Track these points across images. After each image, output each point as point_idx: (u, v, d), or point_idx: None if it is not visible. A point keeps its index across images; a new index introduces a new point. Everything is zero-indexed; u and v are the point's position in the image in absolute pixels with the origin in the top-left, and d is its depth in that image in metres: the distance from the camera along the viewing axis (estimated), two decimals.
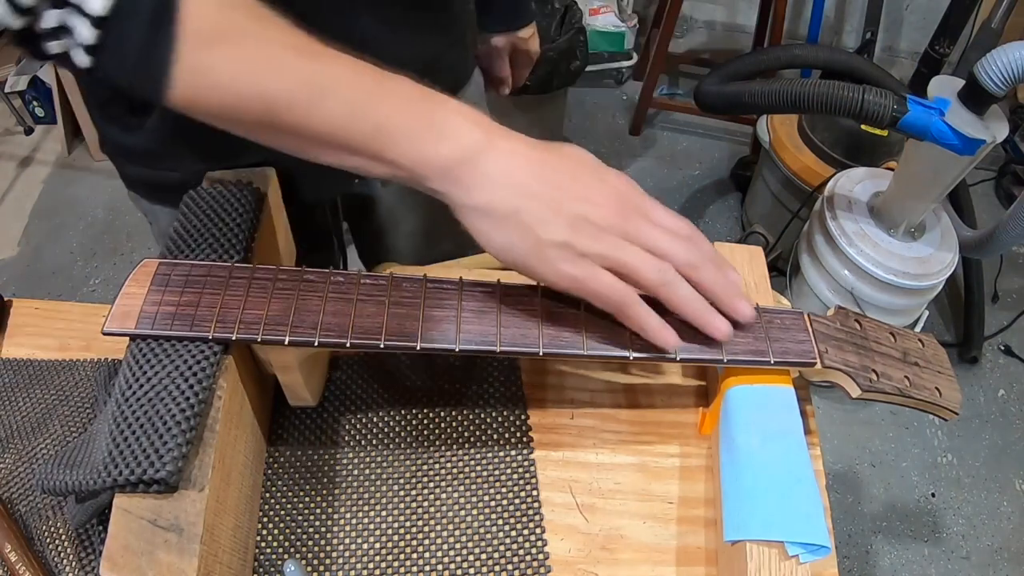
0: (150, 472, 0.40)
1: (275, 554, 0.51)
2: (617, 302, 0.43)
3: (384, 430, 0.57)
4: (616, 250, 0.41)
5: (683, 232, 0.44)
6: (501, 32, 0.89)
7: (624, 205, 0.42)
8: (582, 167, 0.43)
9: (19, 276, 1.82)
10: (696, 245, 0.44)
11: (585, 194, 0.41)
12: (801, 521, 0.45)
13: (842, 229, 1.30)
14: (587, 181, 0.42)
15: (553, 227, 0.41)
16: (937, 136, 1.01)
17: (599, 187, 0.42)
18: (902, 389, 0.51)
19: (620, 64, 2.29)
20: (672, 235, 0.43)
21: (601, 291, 0.42)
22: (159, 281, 0.48)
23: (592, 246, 0.41)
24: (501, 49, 0.91)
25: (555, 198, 0.41)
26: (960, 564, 1.44)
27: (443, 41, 0.73)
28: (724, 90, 1.32)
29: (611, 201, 0.41)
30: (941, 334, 1.79)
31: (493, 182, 0.41)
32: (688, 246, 0.43)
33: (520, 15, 0.89)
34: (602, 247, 0.41)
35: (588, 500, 0.54)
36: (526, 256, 0.42)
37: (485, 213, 0.41)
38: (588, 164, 0.43)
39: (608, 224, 0.41)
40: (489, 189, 0.41)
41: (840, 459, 1.58)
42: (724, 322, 0.46)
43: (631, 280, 0.42)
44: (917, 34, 2.33)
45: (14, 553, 0.49)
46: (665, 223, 0.44)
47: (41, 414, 0.57)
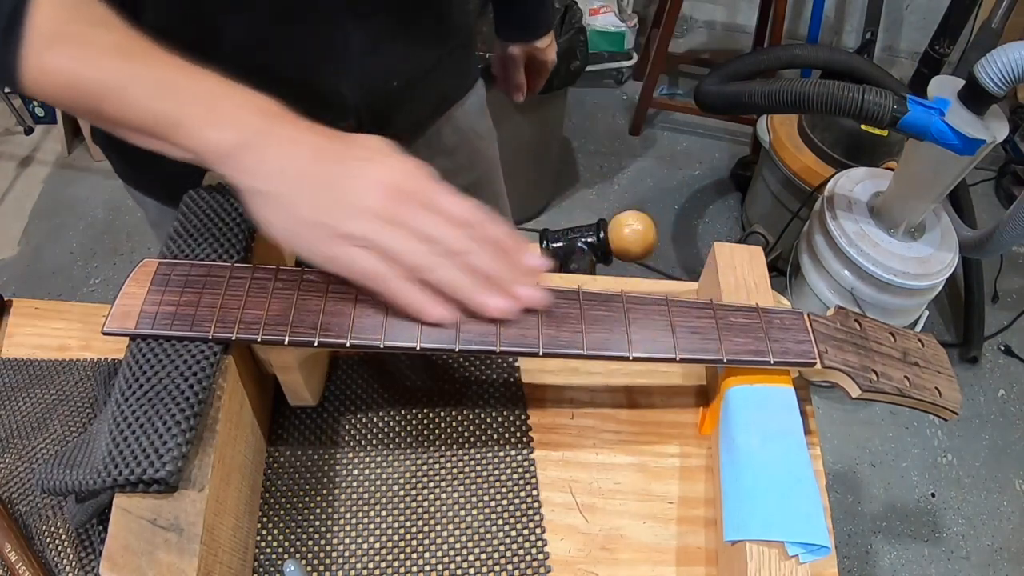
0: (150, 472, 0.40)
1: (275, 554, 0.51)
2: (374, 281, 0.44)
3: (384, 430, 0.57)
4: (376, 234, 0.43)
5: (462, 218, 0.45)
6: (519, 42, 0.89)
7: (398, 191, 0.44)
8: (365, 155, 0.45)
9: (19, 276, 1.82)
10: (477, 230, 0.46)
11: (357, 180, 0.44)
12: (801, 521, 0.45)
13: (842, 229, 1.30)
14: (364, 168, 0.44)
15: (315, 209, 0.43)
16: (937, 136, 1.01)
17: (375, 173, 0.44)
18: (902, 389, 0.51)
19: (620, 64, 2.29)
20: (446, 222, 0.45)
21: (356, 271, 0.44)
22: (159, 281, 0.48)
23: (352, 228, 0.43)
24: (518, 58, 0.91)
25: (325, 182, 0.44)
26: (960, 564, 1.44)
27: (439, 52, 0.73)
28: (724, 90, 1.32)
29: (382, 187, 0.43)
30: (941, 334, 1.79)
31: (268, 166, 0.44)
32: (460, 233, 0.45)
33: (538, 25, 0.89)
34: (362, 230, 0.43)
35: (588, 500, 0.54)
36: (290, 235, 0.44)
37: (257, 194, 0.44)
38: (373, 152, 0.45)
39: (375, 208, 0.43)
40: (263, 173, 0.44)
41: (840, 459, 1.58)
42: (499, 300, 0.46)
43: (397, 264, 0.44)
44: (917, 34, 2.33)
45: (14, 553, 0.49)
46: (446, 210, 0.45)
47: (41, 414, 0.57)
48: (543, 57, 0.91)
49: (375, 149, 0.46)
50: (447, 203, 0.45)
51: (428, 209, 0.45)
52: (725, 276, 0.57)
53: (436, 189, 0.45)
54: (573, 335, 0.49)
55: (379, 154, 0.46)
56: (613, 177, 2.12)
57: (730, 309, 0.52)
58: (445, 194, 0.45)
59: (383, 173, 0.44)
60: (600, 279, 0.68)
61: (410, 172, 0.45)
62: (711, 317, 0.51)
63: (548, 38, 0.90)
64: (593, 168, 2.14)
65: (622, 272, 1.20)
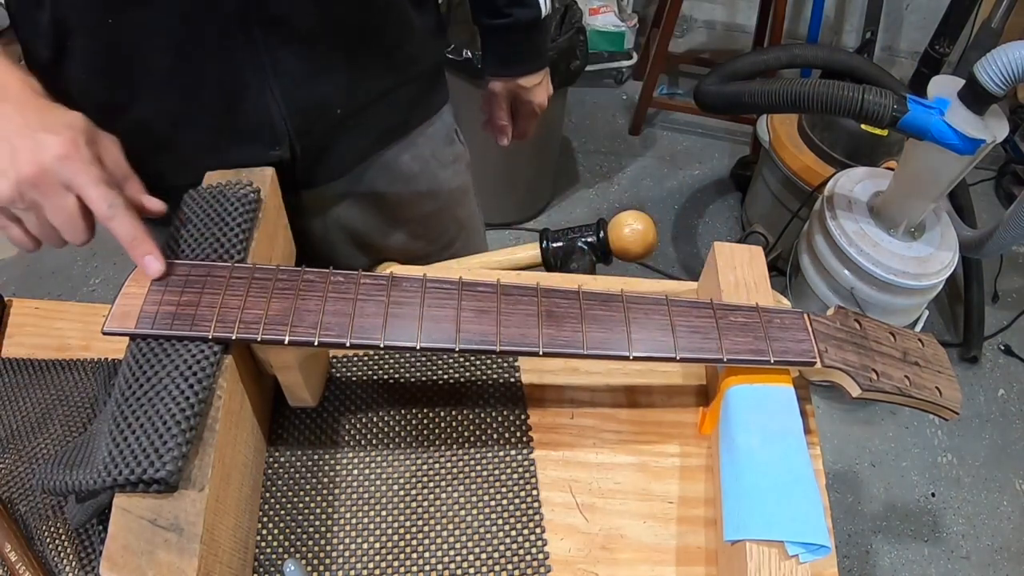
0: (150, 472, 0.40)
1: (275, 554, 0.51)
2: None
3: (384, 430, 0.57)
4: (14, 209, 0.48)
5: (98, 212, 0.47)
6: (497, 77, 0.83)
7: (44, 174, 0.46)
8: (39, 133, 0.47)
9: (19, 276, 1.82)
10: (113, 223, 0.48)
11: (16, 157, 0.46)
12: (801, 521, 0.45)
13: (842, 229, 1.30)
14: (21, 146, 0.46)
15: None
16: (937, 136, 1.01)
17: (27, 154, 0.46)
18: (902, 388, 0.51)
19: (620, 64, 2.29)
20: (69, 215, 0.47)
21: (6, 235, 0.50)
22: (159, 281, 0.48)
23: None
24: (499, 95, 0.84)
25: (2, 153, 0.46)
26: (960, 564, 1.44)
27: (392, 80, 0.71)
28: (724, 90, 1.32)
29: (29, 167, 0.46)
30: (941, 334, 1.79)
31: None
32: (73, 228, 0.48)
33: (520, 61, 0.81)
34: (1, 201, 0.47)
35: (588, 500, 0.54)
36: None
37: None
38: (45, 131, 0.47)
39: (15, 186, 0.46)
40: None
41: (840, 459, 1.58)
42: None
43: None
44: (917, 34, 2.33)
45: (14, 553, 0.49)
46: (86, 197, 0.47)
47: (41, 414, 0.57)
48: (528, 98, 0.84)
49: (64, 124, 0.47)
50: (90, 192, 0.47)
51: (68, 195, 0.47)
52: (725, 276, 0.57)
53: (87, 179, 0.47)
54: (573, 335, 0.49)
55: (58, 130, 0.47)
56: (613, 177, 2.12)
57: (730, 309, 0.52)
58: (91, 185, 0.47)
59: (35, 156, 0.46)
60: (600, 279, 0.68)
61: (67, 158, 0.46)
62: (711, 317, 0.51)
63: (535, 77, 0.82)
64: (593, 168, 2.14)
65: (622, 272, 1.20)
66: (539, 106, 0.86)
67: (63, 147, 0.46)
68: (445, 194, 0.84)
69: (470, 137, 0.89)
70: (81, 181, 0.47)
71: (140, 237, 0.48)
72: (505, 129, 0.88)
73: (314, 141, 0.68)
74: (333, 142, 0.70)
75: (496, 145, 0.91)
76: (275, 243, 0.57)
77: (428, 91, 0.79)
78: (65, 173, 0.46)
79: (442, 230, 0.87)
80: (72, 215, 0.47)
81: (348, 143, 0.72)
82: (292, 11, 0.59)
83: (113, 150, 0.50)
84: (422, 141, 0.79)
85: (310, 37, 0.61)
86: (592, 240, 0.79)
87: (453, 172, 0.84)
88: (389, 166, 0.77)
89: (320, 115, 0.67)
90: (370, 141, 0.75)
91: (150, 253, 0.48)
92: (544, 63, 0.83)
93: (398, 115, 0.76)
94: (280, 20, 0.59)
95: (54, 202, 0.47)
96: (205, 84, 0.60)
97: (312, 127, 0.66)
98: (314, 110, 0.66)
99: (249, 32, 0.58)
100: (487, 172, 1.64)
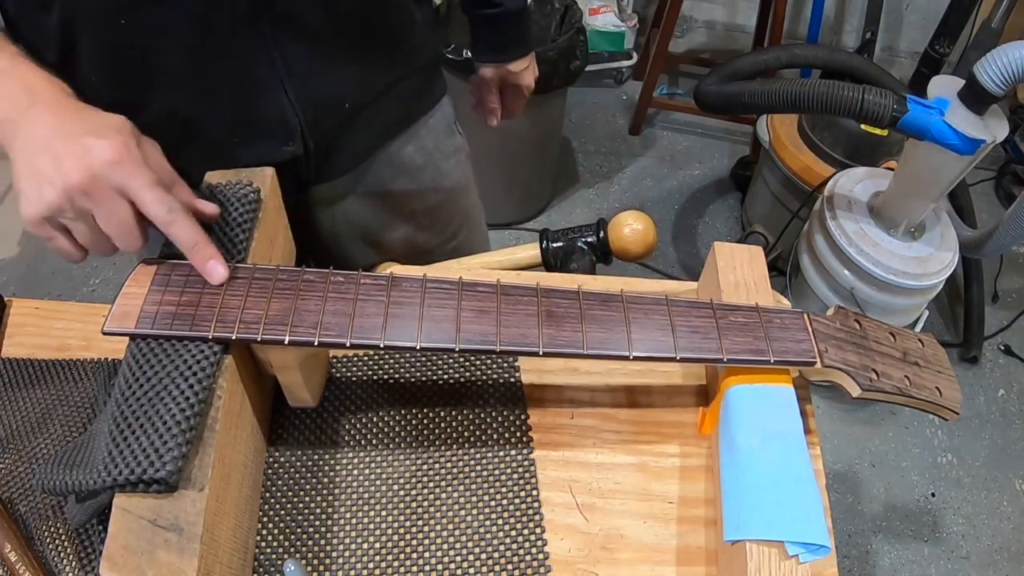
0: (150, 472, 0.40)
1: (275, 554, 0.51)
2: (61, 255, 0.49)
3: (384, 430, 0.57)
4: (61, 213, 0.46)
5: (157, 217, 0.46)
6: (489, 63, 0.87)
7: (95, 180, 0.45)
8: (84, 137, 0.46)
9: (19, 276, 1.82)
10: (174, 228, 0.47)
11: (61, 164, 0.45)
12: (801, 521, 0.45)
13: (842, 229, 1.30)
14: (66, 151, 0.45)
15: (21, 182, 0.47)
16: (937, 136, 1.01)
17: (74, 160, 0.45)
18: (902, 388, 0.51)
19: (620, 64, 2.29)
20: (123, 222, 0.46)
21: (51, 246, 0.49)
22: (159, 281, 0.48)
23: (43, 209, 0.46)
24: (489, 80, 0.88)
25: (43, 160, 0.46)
26: (960, 564, 1.44)
27: (397, 74, 0.72)
28: (724, 90, 1.32)
29: (78, 174, 0.45)
30: (941, 334, 1.79)
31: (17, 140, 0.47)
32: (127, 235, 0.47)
33: (510, 47, 0.86)
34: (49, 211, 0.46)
35: (588, 500, 0.54)
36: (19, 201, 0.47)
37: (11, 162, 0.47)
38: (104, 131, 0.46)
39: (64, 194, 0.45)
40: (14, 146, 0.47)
41: (840, 459, 1.58)
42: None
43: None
44: (917, 34, 2.33)
45: (14, 553, 0.49)
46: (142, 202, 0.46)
47: (41, 414, 0.57)
48: (517, 81, 0.88)
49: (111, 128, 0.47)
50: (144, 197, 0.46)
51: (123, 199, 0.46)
52: (725, 276, 0.57)
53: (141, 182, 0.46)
54: (573, 335, 0.49)
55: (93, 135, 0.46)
56: (613, 177, 2.11)
57: (730, 309, 0.52)
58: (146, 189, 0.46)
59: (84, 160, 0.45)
60: (600, 279, 0.68)
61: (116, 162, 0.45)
62: (711, 317, 0.51)
63: (523, 62, 0.87)
64: (593, 168, 2.14)
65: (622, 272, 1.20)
66: (527, 88, 0.91)
67: (114, 151, 0.45)
68: (449, 185, 0.86)
69: (471, 136, 0.90)
70: (135, 185, 0.45)
71: (202, 241, 0.47)
72: (496, 111, 0.93)
73: (325, 136, 0.69)
74: (343, 136, 0.71)
75: (496, 145, 0.93)
76: (275, 243, 0.57)
77: (429, 83, 0.81)
78: (118, 178, 0.45)
79: (447, 222, 0.88)
80: (127, 222, 0.46)
81: (357, 137, 0.73)
82: (301, 8, 0.59)
83: (156, 154, 0.49)
84: (424, 133, 0.80)
85: (319, 33, 0.62)
86: (592, 240, 0.79)
87: (455, 163, 0.86)
88: (394, 159, 0.78)
89: (330, 110, 0.68)
90: (377, 134, 0.76)
91: (213, 258, 0.47)
92: (530, 48, 0.88)
93: (403, 108, 0.77)
94: (289, 17, 0.59)
95: (107, 209, 0.45)
96: (218, 83, 0.61)
97: (323, 122, 0.67)
98: (325, 105, 0.67)
99: (260, 30, 0.59)
100: (487, 172, 1.64)
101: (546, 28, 1.62)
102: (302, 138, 0.66)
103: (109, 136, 0.45)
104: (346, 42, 0.65)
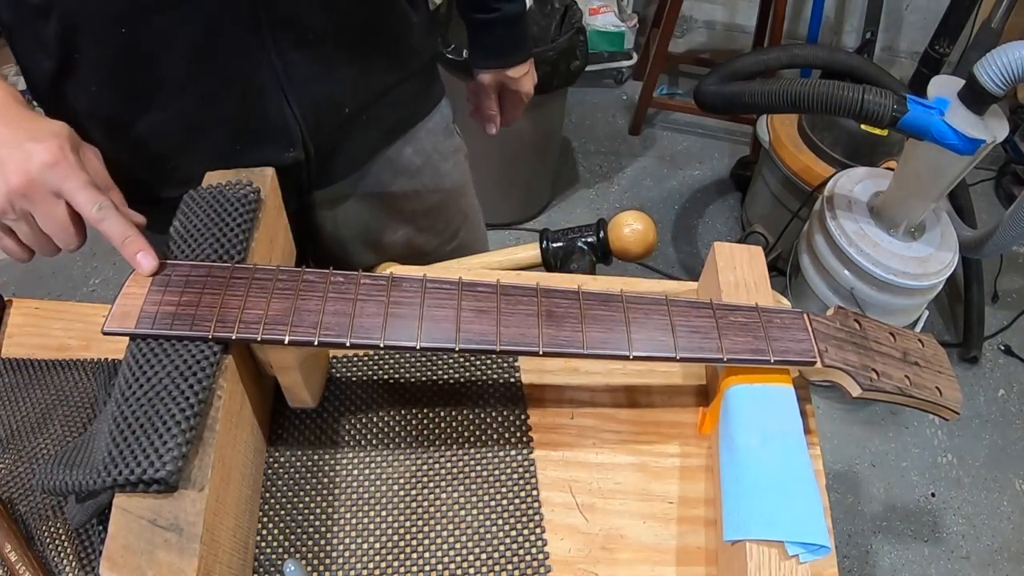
0: (150, 472, 0.40)
1: (275, 554, 0.51)
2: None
3: (384, 430, 0.57)
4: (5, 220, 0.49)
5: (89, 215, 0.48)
6: (487, 69, 0.85)
7: (32, 183, 0.47)
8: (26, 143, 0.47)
9: (19, 276, 1.82)
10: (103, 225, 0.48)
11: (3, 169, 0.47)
12: (801, 521, 0.45)
13: (842, 229, 1.30)
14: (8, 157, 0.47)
15: None
16: (937, 136, 1.01)
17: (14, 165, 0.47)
18: (902, 388, 0.51)
19: (620, 64, 2.29)
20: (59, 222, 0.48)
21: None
22: (159, 281, 0.48)
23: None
24: (488, 86, 0.87)
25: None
26: (960, 564, 1.44)
27: (395, 76, 0.72)
28: (724, 90, 1.32)
29: (17, 178, 0.47)
30: (941, 334, 1.79)
31: None
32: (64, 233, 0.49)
33: (508, 53, 0.84)
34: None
35: (588, 500, 0.54)
36: None
37: None
38: (32, 140, 0.48)
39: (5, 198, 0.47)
40: None
41: (840, 459, 1.58)
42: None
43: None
44: (917, 34, 2.33)
45: (14, 553, 0.49)
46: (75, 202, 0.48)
47: (41, 414, 0.57)
48: (515, 87, 0.87)
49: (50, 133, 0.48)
50: (78, 198, 0.48)
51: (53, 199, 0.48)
52: (725, 276, 0.57)
53: (75, 185, 0.47)
54: (573, 335, 0.49)
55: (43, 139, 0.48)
56: (613, 177, 2.12)
57: (730, 309, 0.52)
58: (80, 192, 0.48)
59: (23, 165, 0.47)
60: (600, 279, 0.68)
61: (51, 166, 0.47)
62: (711, 316, 0.51)
63: (522, 68, 0.85)
64: (593, 168, 2.14)
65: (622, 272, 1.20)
66: (526, 95, 0.89)
67: (50, 155, 0.47)
68: (448, 186, 0.86)
69: (470, 136, 0.90)
70: (69, 187, 0.47)
71: (131, 235, 0.49)
72: (494, 118, 0.91)
73: (326, 141, 0.69)
74: (343, 141, 0.71)
75: (496, 145, 0.93)
76: (275, 243, 0.57)
77: (427, 86, 0.80)
78: (53, 180, 0.47)
79: (447, 222, 0.88)
80: (62, 221, 0.48)
81: (357, 141, 0.73)
82: (300, 11, 0.60)
83: (95, 160, 0.51)
84: (423, 135, 0.80)
85: (319, 38, 0.62)
86: (592, 240, 0.79)
87: (454, 164, 0.86)
88: (393, 161, 0.78)
89: (331, 115, 0.68)
90: (376, 138, 0.76)
91: (141, 250, 0.49)
92: (529, 54, 0.86)
93: (401, 111, 0.77)
94: (289, 21, 0.59)
95: (44, 210, 0.48)
96: (219, 90, 0.61)
97: (323, 127, 0.67)
98: (325, 110, 0.67)
99: (260, 36, 0.59)
100: (487, 172, 1.64)
101: (546, 28, 1.62)
102: (303, 143, 0.66)
103: (46, 140, 0.47)
104: (346, 46, 0.65)
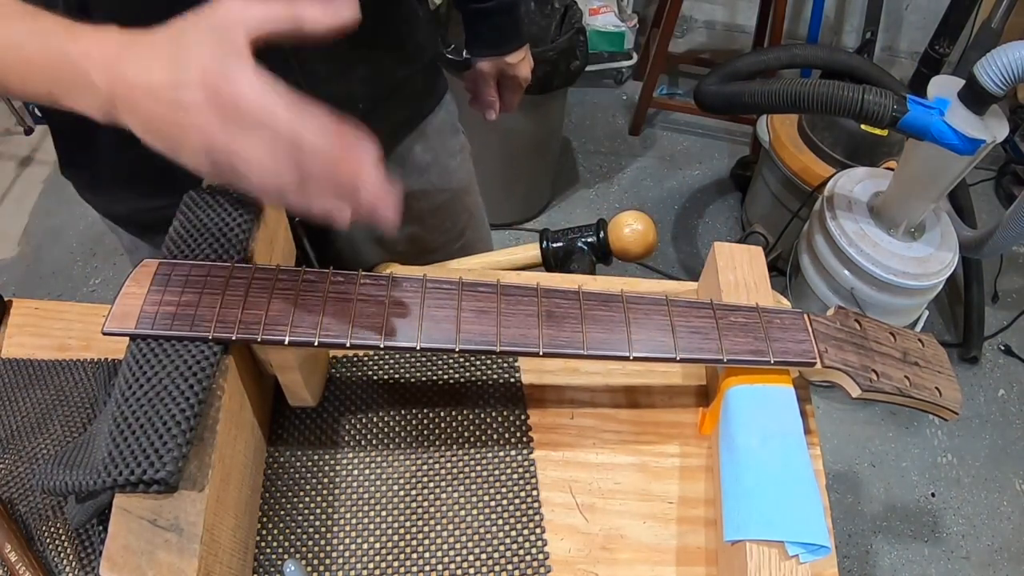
0: (150, 472, 0.40)
1: (275, 554, 0.51)
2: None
3: (384, 430, 0.57)
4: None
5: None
6: (486, 56, 0.87)
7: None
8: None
9: (19, 276, 1.82)
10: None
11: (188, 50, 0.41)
12: (801, 521, 0.45)
13: (842, 229, 1.30)
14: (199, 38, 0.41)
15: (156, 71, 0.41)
16: (937, 136, 1.01)
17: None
18: (902, 389, 0.51)
19: (620, 64, 2.29)
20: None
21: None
22: (159, 281, 0.48)
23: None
24: (487, 74, 0.89)
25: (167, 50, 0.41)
26: (960, 564, 1.44)
27: (405, 71, 0.73)
28: (724, 90, 1.32)
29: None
30: (941, 334, 1.79)
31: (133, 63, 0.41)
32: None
33: (506, 40, 0.86)
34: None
35: (588, 500, 0.54)
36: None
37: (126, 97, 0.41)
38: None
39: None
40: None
41: (840, 459, 1.58)
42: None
43: None
44: (917, 34, 2.33)
45: (14, 553, 0.49)
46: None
47: (41, 414, 0.57)
48: (513, 73, 0.89)
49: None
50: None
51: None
52: (725, 276, 0.57)
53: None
54: (573, 335, 0.49)
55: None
56: (613, 177, 2.12)
57: (730, 309, 0.52)
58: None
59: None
60: (600, 279, 0.68)
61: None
62: (711, 317, 0.51)
63: (520, 54, 0.88)
64: (593, 168, 2.14)
65: (622, 272, 1.20)
66: (524, 80, 0.91)
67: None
68: (455, 184, 0.87)
69: (471, 136, 0.91)
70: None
71: None
72: (494, 104, 0.93)
73: None
74: None
75: (496, 145, 0.93)
76: (275, 243, 0.57)
77: (433, 80, 0.81)
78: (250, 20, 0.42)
79: (454, 220, 0.89)
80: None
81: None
82: None
83: None
84: (431, 131, 0.81)
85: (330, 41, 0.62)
86: (592, 240, 0.79)
87: (460, 161, 0.87)
88: (403, 158, 0.79)
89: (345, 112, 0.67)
90: (388, 134, 0.77)
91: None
92: (525, 39, 0.88)
93: (410, 106, 0.78)
94: None
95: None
96: None
97: None
98: (340, 107, 0.66)
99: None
100: (487, 172, 1.63)
101: (546, 28, 1.62)
102: None
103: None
104: (357, 41, 0.65)
